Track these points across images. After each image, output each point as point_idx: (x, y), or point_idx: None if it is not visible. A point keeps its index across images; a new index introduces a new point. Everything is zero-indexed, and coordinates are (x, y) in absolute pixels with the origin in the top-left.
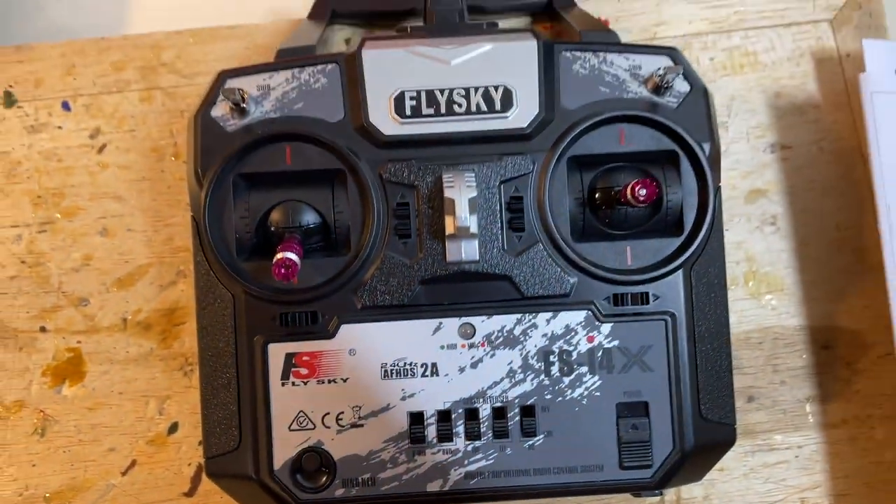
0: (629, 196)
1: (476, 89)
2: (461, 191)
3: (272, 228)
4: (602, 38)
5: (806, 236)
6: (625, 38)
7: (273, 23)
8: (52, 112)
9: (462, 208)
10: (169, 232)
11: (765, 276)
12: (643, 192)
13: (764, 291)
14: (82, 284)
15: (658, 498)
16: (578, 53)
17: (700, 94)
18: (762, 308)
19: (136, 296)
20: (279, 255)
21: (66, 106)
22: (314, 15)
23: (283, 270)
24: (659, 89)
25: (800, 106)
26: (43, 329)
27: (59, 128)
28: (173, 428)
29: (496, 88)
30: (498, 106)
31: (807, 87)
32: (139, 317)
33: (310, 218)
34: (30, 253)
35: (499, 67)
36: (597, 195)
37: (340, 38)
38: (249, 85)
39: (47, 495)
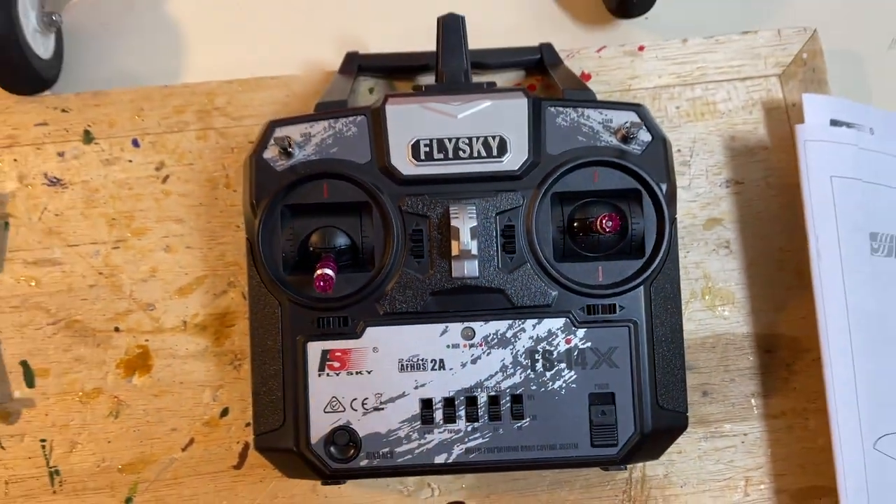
0: (599, 226)
1: (477, 138)
2: (464, 221)
3: (311, 249)
4: (581, 96)
5: (754, 258)
6: (603, 89)
7: (308, 74)
8: (124, 148)
9: (465, 235)
10: (221, 249)
11: (719, 291)
12: (609, 223)
13: (718, 304)
14: (149, 292)
15: (624, 472)
16: (561, 108)
17: (660, 143)
18: (716, 318)
19: (194, 302)
20: (319, 271)
21: (135, 143)
22: (344, 70)
23: (321, 283)
24: (626, 139)
25: (751, 148)
26: (117, 329)
27: (130, 161)
28: (224, 412)
29: (494, 138)
30: (495, 152)
31: (758, 132)
32: (196, 320)
33: (342, 240)
34: (106, 266)
35: (496, 120)
36: (575, 224)
37: (365, 87)
38: (294, 132)
39: (120, 467)
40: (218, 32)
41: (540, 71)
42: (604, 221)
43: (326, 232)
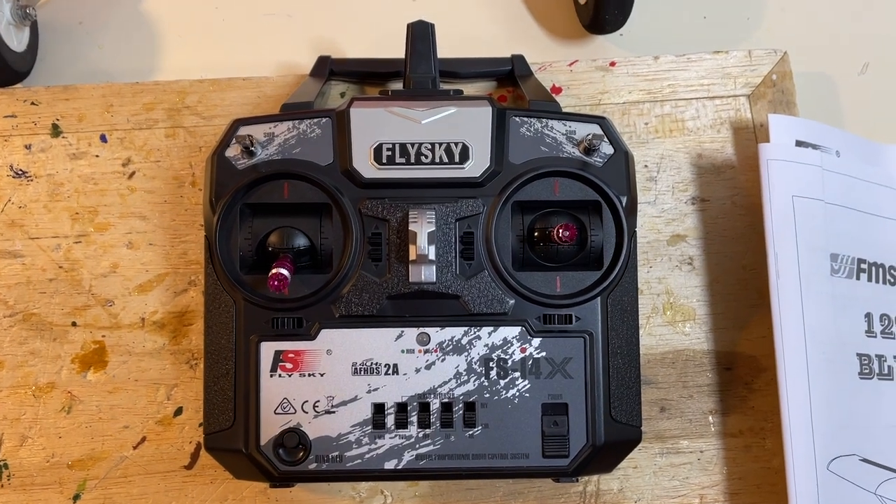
0: (556, 236)
1: (440, 144)
2: (423, 225)
3: (270, 249)
4: (546, 107)
5: (717, 275)
6: (573, 103)
7: (280, 76)
8: (92, 143)
9: (423, 239)
10: (184, 247)
11: (681, 307)
12: (566, 233)
13: (679, 320)
14: (109, 288)
15: (578, 484)
16: (525, 118)
17: (622, 156)
18: (677, 334)
19: (153, 300)
20: (274, 270)
21: (103, 138)
22: (315, 73)
23: (276, 283)
24: (589, 151)
25: (718, 166)
26: (74, 324)
27: (97, 156)
28: (178, 411)
29: (456, 144)
30: (457, 158)
31: (725, 151)
32: (155, 317)
33: (300, 241)
34: (66, 260)
35: (460, 127)
36: (535, 234)
37: (336, 91)
38: (258, 131)
39: (70, 463)
40: (193, 32)
41: (511, 82)
42: (560, 231)
43: (285, 232)
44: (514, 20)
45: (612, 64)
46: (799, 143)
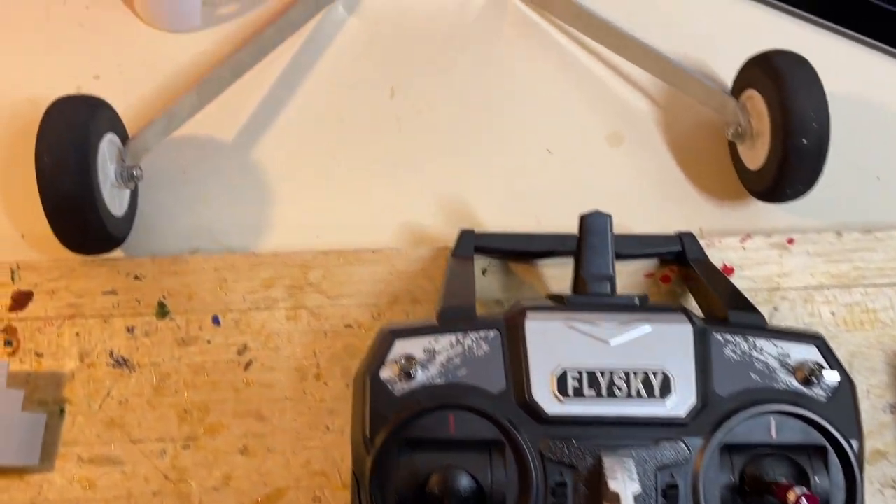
0: (789, 502)
1: (636, 374)
2: (626, 484)
3: (431, 491)
4: (749, 321)
5: None
6: (748, 286)
7: (414, 249)
8: (203, 326)
9: (627, 501)
10: (307, 455)
11: None
12: None
13: None
14: None
15: None
16: (729, 337)
17: (847, 388)
18: None
19: None
20: None
21: (216, 320)
22: (459, 251)
23: None
24: (808, 381)
25: None
26: None
27: (209, 342)
28: None
29: (655, 374)
30: (657, 392)
31: None
32: None
33: (466, 484)
34: (173, 468)
35: (656, 350)
36: (747, 483)
37: (478, 267)
38: (416, 347)
39: None
40: (308, 187)
41: (677, 259)
42: (800, 501)
43: (448, 474)
44: (673, 183)
45: (790, 241)
46: None
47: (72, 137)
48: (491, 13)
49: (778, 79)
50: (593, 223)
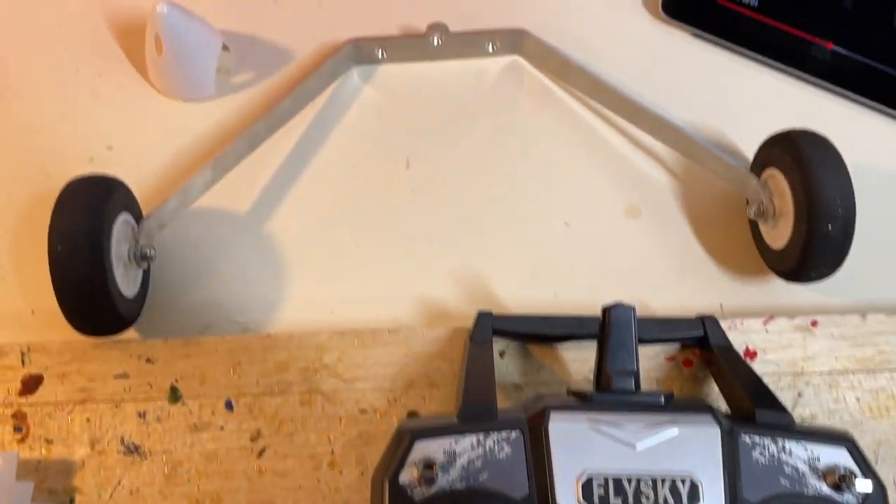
0: None
1: (663, 481)
2: None
3: None
4: (777, 420)
5: None
6: (771, 370)
7: (430, 330)
8: (216, 411)
9: None
10: None
11: None
12: None
13: None
14: None
15: None
16: (758, 439)
17: (879, 495)
18: None
19: None
20: None
21: (229, 405)
22: (477, 335)
23: None
24: (839, 487)
25: None
26: None
27: (221, 428)
28: None
29: (683, 481)
30: (685, 500)
31: None
32: None
33: None
34: None
35: (684, 455)
36: None
37: (496, 349)
38: (437, 449)
39: None
40: (322, 260)
41: (699, 343)
42: None
43: None
44: (688, 257)
45: (814, 324)
46: None
47: (85, 226)
48: (507, 82)
49: (801, 161)
50: (617, 316)
